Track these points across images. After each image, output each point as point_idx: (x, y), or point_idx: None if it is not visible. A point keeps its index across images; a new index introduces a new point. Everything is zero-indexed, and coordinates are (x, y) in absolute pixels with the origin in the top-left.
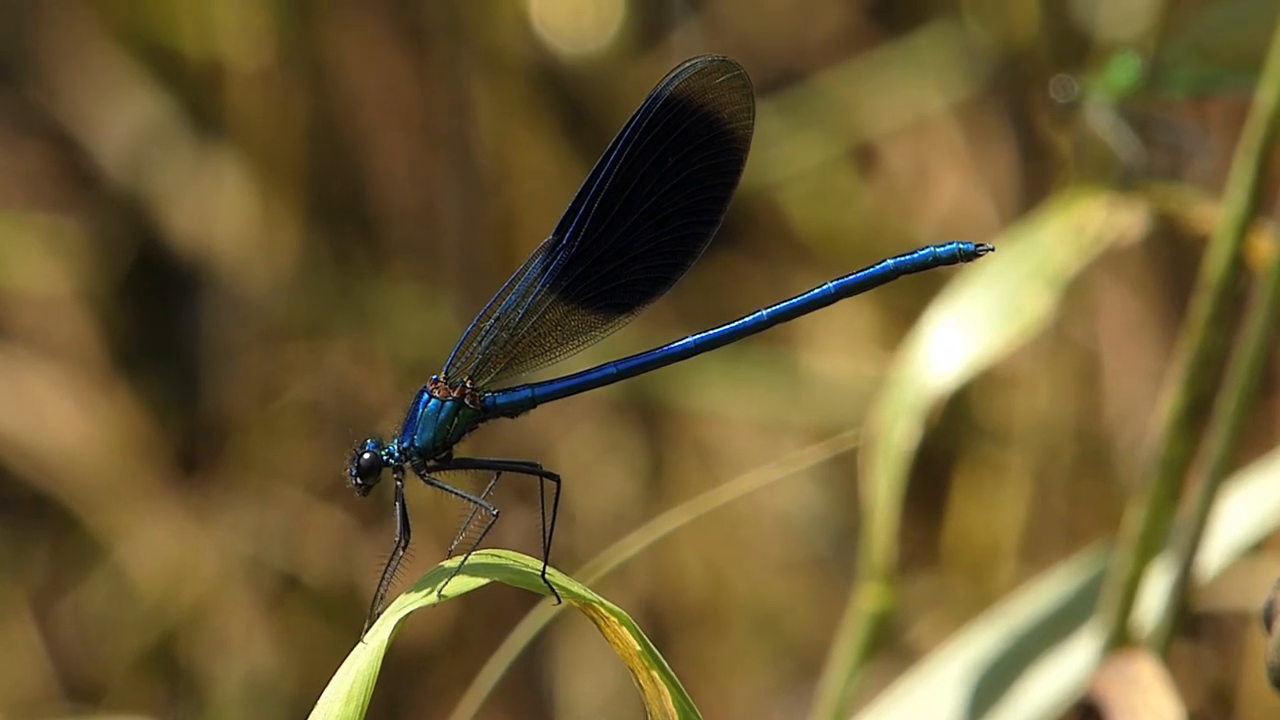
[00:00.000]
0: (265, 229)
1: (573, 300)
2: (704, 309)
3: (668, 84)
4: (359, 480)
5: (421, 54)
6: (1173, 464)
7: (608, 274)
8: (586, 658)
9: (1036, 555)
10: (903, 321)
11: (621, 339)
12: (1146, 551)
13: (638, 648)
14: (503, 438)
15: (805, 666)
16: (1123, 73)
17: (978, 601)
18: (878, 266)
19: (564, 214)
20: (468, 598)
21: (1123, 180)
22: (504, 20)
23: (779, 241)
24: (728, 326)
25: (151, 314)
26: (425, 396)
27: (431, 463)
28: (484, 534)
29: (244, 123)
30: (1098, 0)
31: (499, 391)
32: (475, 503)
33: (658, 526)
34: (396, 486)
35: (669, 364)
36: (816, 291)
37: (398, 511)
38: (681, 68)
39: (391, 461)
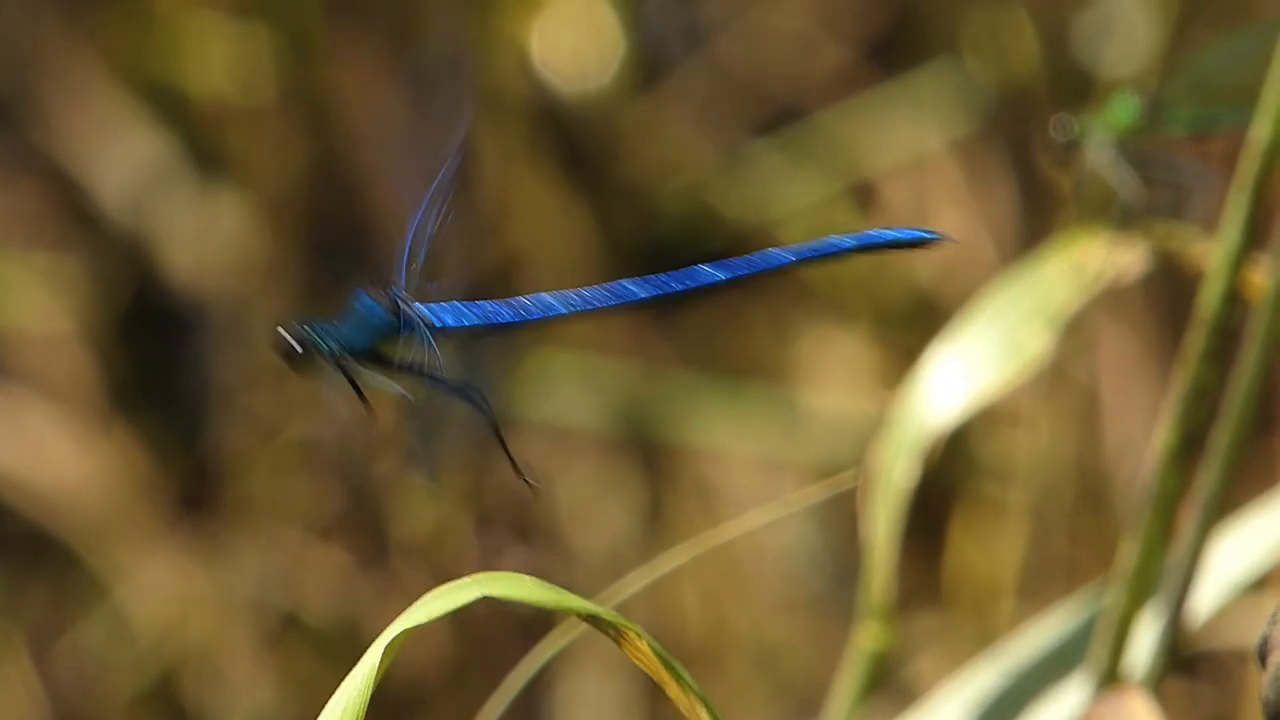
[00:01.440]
0: (265, 267)
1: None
2: (702, 346)
3: None
4: (290, 362)
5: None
6: (1165, 500)
7: None
8: (587, 696)
9: (1036, 592)
10: (902, 359)
11: (606, 371)
12: (1140, 588)
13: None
14: (496, 477)
15: (805, 705)
16: (1122, 111)
17: (977, 639)
18: (820, 244)
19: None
20: (467, 635)
21: (1122, 219)
22: (504, 59)
23: (778, 279)
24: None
25: (151, 353)
26: (360, 292)
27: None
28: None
29: (244, 161)
30: (1099, 38)
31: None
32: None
33: (657, 566)
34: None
35: (608, 312)
36: (753, 262)
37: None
38: None
39: (322, 348)
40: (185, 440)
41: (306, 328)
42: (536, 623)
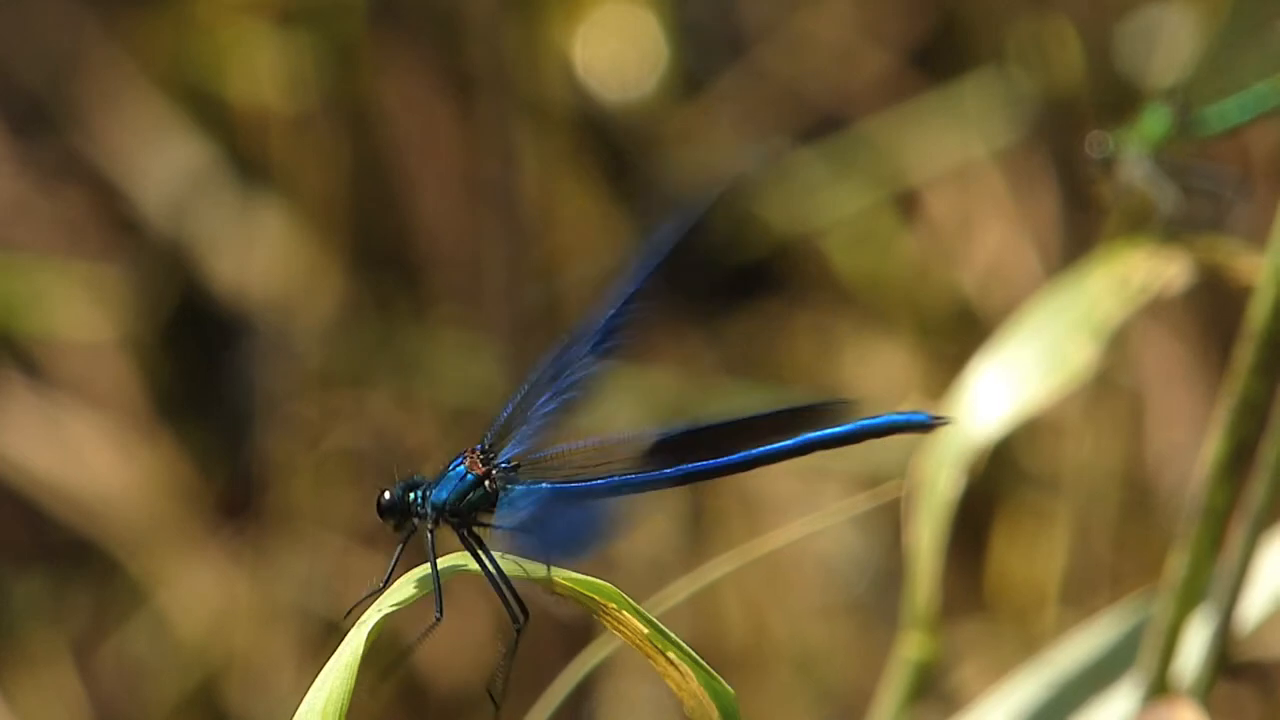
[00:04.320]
0: (308, 275)
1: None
2: (746, 356)
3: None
4: (381, 516)
5: (465, 100)
6: (1214, 512)
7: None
8: (629, 704)
9: (1080, 601)
10: (947, 370)
11: (653, 384)
12: (1188, 599)
13: (645, 630)
14: None
15: (847, 712)
16: (1155, 123)
17: (1021, 648)
18: (847, 426)
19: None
20: (504, 640)
21: (1164, 231)
22: (548, 67)
23: (822, 288)
24: (710, 462)
25: (194, 361)
26: (461, 458)
27: (445, 519)
28: (423, 636)
29: (287, 169)
30: (1143, 47)
31: (520, 483)
32: (436, 594)
33: (701, 576)
34: (409, 528)
35: (660, 489)
36: (793, 441)
37: (396, 550)
38: None
39: (416, 508)
40: (228, 448)
41: (401, 489)
42: (580, 630)
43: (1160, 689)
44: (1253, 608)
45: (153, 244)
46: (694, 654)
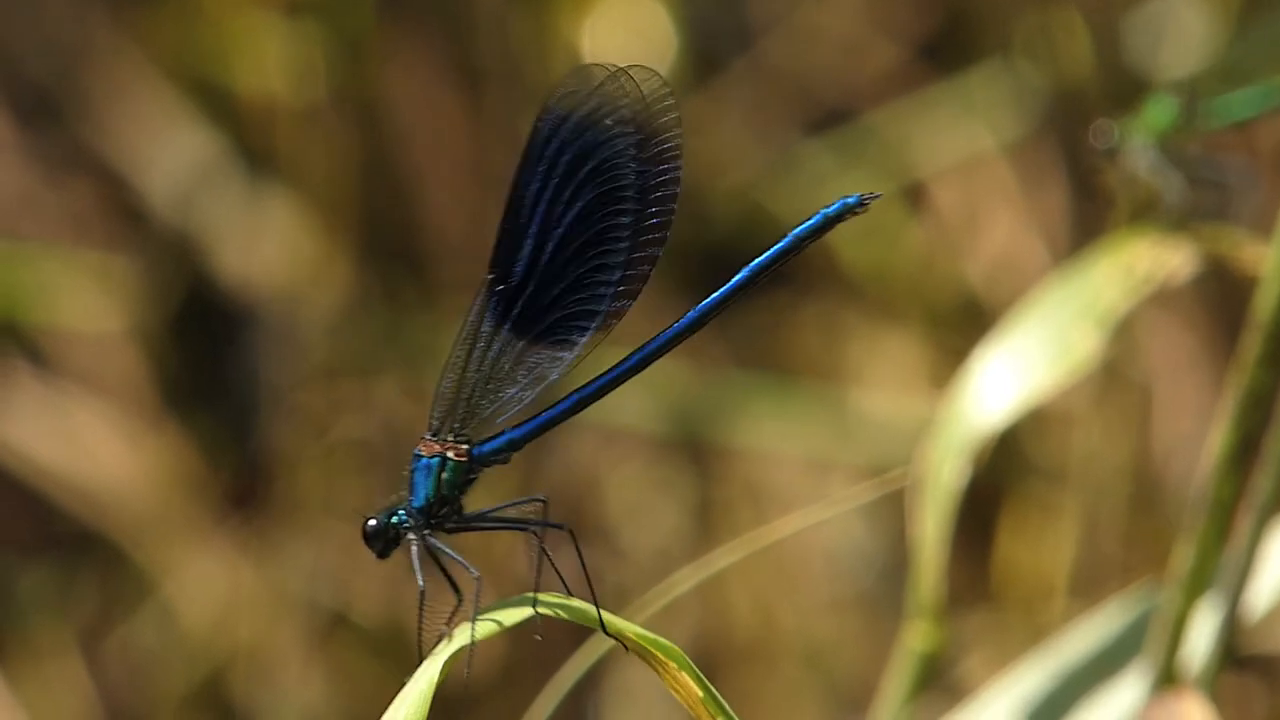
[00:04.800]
0: (315, 266)
1: (522, 337)
2: (753, 347)
3: (552, 102)
4: (368, 546)
5: (473, 91)
6: (1221, 503)
7: (547, 306)
8: (634, 695)
9: (1087, 592)
10: (952, 359)
11: (662, 376)
12: (1194, 590)
13: (699, 693)
14: (550, 477)
15: (853, 703)
16: (1161, 113)
17: (1028, 639)
18: (780, 243)
19: (491, 252)
20: (513, 638)
21: (1169, 221)
22: (556, 58)
23: (830, 279)
24: (664, 334)
25: (201, 351)
26: (415, 456)
27: (442, 520)
28: (475, 598)
29: (294, 160)
30: (1152, 39)
31: (483, 440)
32: (460, 564)
33: (707, 565)
34: (411, 546)
35: (624, 381)
36: (733, 281)
37: (414, 566)
38: (563, 79)
39: (400, 525)
40: (235, 438)
41: (382, 516)
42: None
43: (1167, 680)
44: (1259, 599)
45: (160, 235)
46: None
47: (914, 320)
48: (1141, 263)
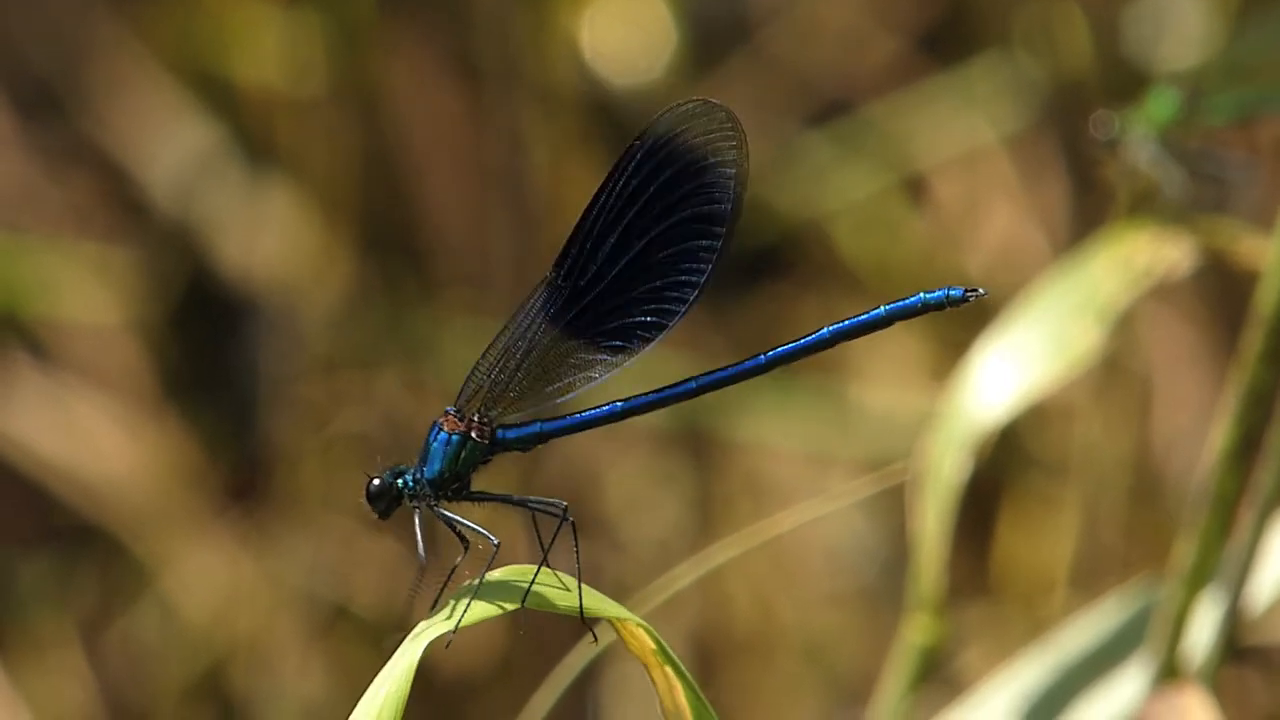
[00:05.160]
0: (316, 259)
1: (573, 337)
2: (754, 338)
3: (654, 129)
4: (370, 505)
5: (473, 84)
6: (1223, 498)
7: (604, 314)
8: (635, 687)
9: (1088, 586)
10: (953, 353)
11: (658, 364)
12: (1196, 584)
13: (652, 646)
14: (550, 466)
15: (853, 696)
16: (1162, 105)
17: (1028, 633)
18: (872, 312)
19: (560, 251)
20: (515, 626)
21: (1169, 213)
22: (556, 51)
23: (830, 272)
24: (728, 370)
25: (202, 343)
26: (436, 428)
27: (449, 493)
28: (488, 564)
29: (295, 153)
30: (1152, 31)
31: (509, 426)
32: (479, 533)
33: (708, 558)
34: (414, 513)
35: (671, 404)
36: (813, 336)
37: (416, 537)
38: (666, 112)
39: (405, 490)
40: (235, 430)
41: (387, 476)
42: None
43: (1168, 673)
44: (1261, 592)
45: (160, 227)
46: (685, 673)
47: None
48: (1141, 256)
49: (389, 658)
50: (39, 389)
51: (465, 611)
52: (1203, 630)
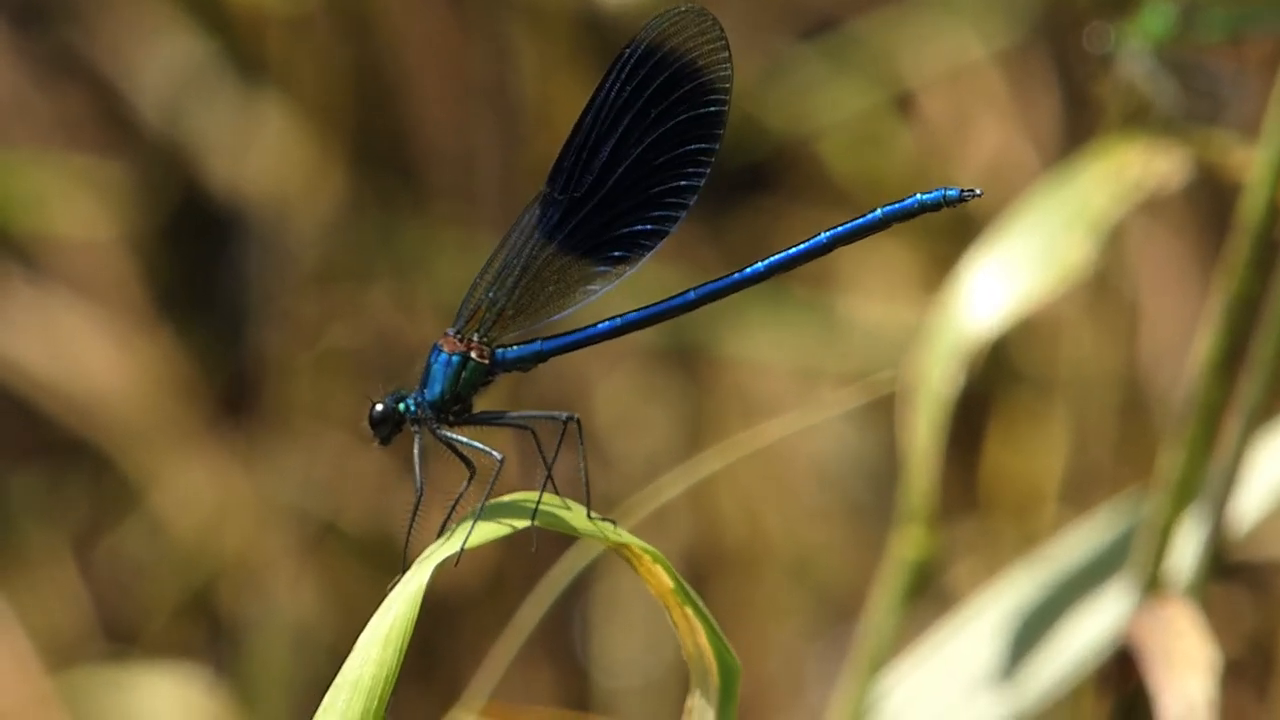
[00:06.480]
0: (306, 174)
1: (570, 252)
2: (746, 253)
3: (644, 36)
4: (372, 430)
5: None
6: (1208, 408)
7: (602, 225)
8: (623, 601)
9: (1077, 501)
10: (943, 267)
11: (652, 280)
12: (1182, 497)
13: (670, 585)
14: (540, 383)
15: (842, 611)
16: (1156, 19)
17: (1017, 547)
18: (868, 215)
19: (553, 165)
20: (507, 543)
21: (1160, 126)
22: None
23: (819, 187)
24: (726, 279)
25: (192, 258)
26: (436, 350)
27: (451, 416)
28: (493, 481)
29: (285, 68)
30: None
31: (509, 345)
32: (480, 450)
33: (695, 468)
34: (414, 438)
35: (671, 318)
36: (810, 242)
37: (415, 462)
38: (653, 20)
39: (407, 414)
40: (226, 345)
41: (389, 400)
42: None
43: (1154, 587)
44: (1247, 506)
45: (151, 141)
46: (708, 614)
47: (904, 228)
48: (1132, 169)
49: (389, 592)
50: (28, 303)
51: (472, 532)
52: (1189, 544)
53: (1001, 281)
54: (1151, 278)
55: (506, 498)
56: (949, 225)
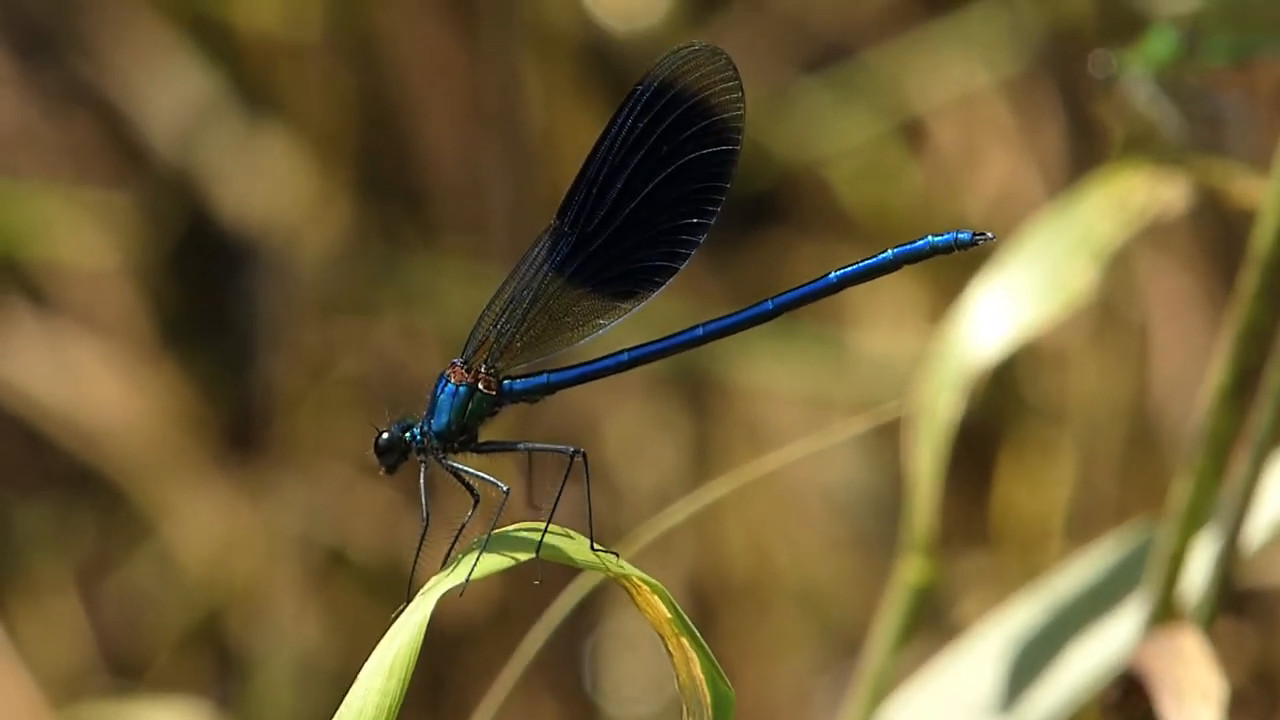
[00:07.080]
0: (313, 203)
1: (580, 286)
2: (752, 285)
3: (657, 73)
4: (379, 459)
5: (471, 29)
6: (1219, 438)
7: (611, 260)
8: (628, 632)
9: (1085, 533)
10: (949, 297)
11: (657, 317)
12: (1191, 525)
13: (668, 615)
14: (547, 412)
15: (848, 643)
16: (1160, 45)
17: (1025, 580)
18: (879, 256)
19: (564, 198)
20: (511, 574)
21: (1165, 154)
22: None
23: (827, 217)
24: (735, 317)
25: (200, 289)
26: (443, 380)
27: (457, 445)
28: (498, 511)
29: (293, 97)
30: None
31: (516, 377)
32: (485, 481)
33: (701, 496)
34: (421, 467)
35: (679, 352)
36: (820, 282)
37: (421, 492)
38: (667, 57)
39: (414, 443)
40: (233, 376)
41: (395, 429)
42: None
43: (1163, 616)
44: (1257, 534)
45: (158, 171)
46: (704, 645)
47: None
48: (1136, 195)
49: (393, 622)
50: (36, 334)
51: (477, 563)
52: (1198, 573)
53: (1005, 308)
54: (1158, 309)
55: (511, 528)
56: (957, 254)
